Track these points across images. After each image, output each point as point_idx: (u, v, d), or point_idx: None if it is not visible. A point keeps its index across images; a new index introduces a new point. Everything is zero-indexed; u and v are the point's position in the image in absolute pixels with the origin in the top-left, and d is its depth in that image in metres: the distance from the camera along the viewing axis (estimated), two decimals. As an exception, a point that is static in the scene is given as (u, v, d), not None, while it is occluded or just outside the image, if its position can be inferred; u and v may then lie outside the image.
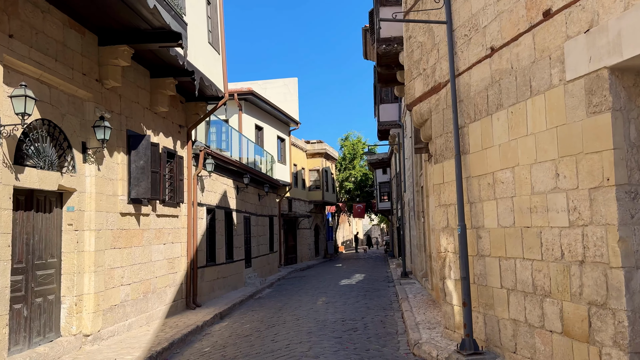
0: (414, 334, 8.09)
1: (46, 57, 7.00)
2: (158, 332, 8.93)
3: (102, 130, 7.84)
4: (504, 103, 6.20)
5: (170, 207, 10.95)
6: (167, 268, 10.72)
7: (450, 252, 7.54)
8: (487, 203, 6.59)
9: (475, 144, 6.85)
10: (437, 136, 7.87)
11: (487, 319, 6.65)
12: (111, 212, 8.53)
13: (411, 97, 8.70)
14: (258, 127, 22.53)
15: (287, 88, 26.41)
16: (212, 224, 13.85)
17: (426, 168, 12.31)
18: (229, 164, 14.82)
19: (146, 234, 9.82)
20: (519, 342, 5.95)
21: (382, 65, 13.87)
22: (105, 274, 8.26)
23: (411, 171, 18.23)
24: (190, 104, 11.98)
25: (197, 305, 11.83)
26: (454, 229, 7.40)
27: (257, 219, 19.03)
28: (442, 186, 7.77)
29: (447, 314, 7.64)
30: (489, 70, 6.52)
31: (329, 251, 36.53)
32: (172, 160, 11.12)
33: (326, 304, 12.08)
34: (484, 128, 6.63)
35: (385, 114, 22.14)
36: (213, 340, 8.72)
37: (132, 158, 9.14)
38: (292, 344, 7.83)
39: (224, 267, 14.53)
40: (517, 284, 5.99)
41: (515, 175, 5.99)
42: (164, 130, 10.73)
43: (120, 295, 8.73)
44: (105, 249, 8.30)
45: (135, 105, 9.54)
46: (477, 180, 6.81)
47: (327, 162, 34.57)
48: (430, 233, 12.11)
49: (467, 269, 6.68)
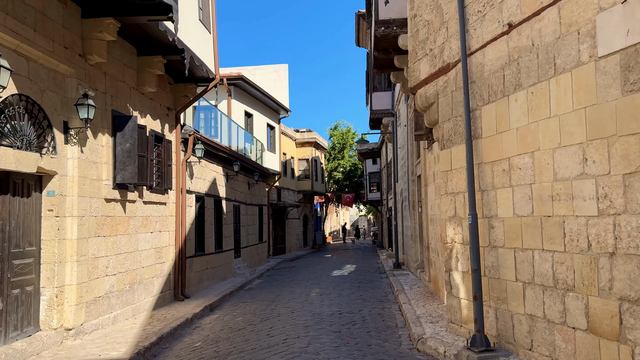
0: (416, 328, 7.69)
1: (24, 26, 6.39)
2: (145, 325, 8.42)
3: (86, 108, 7.26)
4: (523, 83, 5.77)
5: (158, 193, 10.39)
6: (154, 258, 10.18)
7: (457, 243, 7.13)
8: (501, 191, 6.17)
9: (488, 128, 6.42)
10: (445, 120, 7.43)
11: (499, 314, 6.26)
12: (95, 197, 7.97)
13: (415, 79, 8.23)
14: (248, 114, 21.93)
15: (277, 75, 25.78)
16: (201, 212, 13.31)
17: (425, 156, 11.90)
18: (218, 150, 14.25)
19: (132, 222, 9.27)
20: (535, 338, 5.57)
21: (379, 49, 13.37)
22: (88, 263, 7.71)
23: (405, 160, 17.83)
24: (179, 85, 11.38)
25: (186, 297, 11.32)
26: (462, 218, 6.99)
27: (246, 208, 18.50)
28: (449, 173, 7.34)
29: (453, 307, 7.24)
30: (506, 49, 6.07)
31: (317, 241, 36.13)
32: (160, 144, 10.54)
33: (320, 296, 11.65)
34: (499, 110, 6.20)
35: (378, 102, 21.68)
36: (204, 334, 8.24)
37: (117, 140, 8.56)
38: (290, 338, 7.38)
39: (213, 257, 14.01)
40: (534, 277, 5.59)
41: (535, 160, 5.57)
42: (151, 112, 10.14)
43: (104, 286, 8.20)
44: (89, 237, 7.75)
45: (121, 84, 8.94)
46: (490, 167, 6.39)
47: (316, 151, 34.07)
48: (429, 224, 11.72)
49: (478, 261, 6.27)
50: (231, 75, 19.46)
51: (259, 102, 23.17)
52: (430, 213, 11.39)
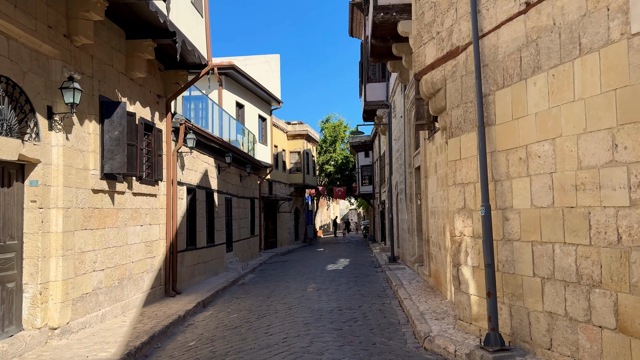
0: (422, 325, 7.33)
1: (3, 0, 5.87)
2: (136, 323, 7.97)
3: (71, 92, 6.76)
4: (543, 65, 5.39)
5: (148, 185, 9.91)
6: (144, 252, 9.72)
7: (467, 236, 6.77)
8: (517, 180, 5.81)
9: (503, 114, 6.05)
10: (454, 107, 7.05)
11: (513, 311, 5.91)
12: (82, 188, 7.49)
13: (420, 64, 7.84)
14: (239, 105, 21.42)
15: (268, 65, 25.25)
16: (192, 204, 12.84)
17: (425, 147, 11.53)
18: (210, 141, 13.77)
19: (121, 214, 8.79)
20: (555, 337, 5.23)
21: (377, 37, 12.96)
22: (74, 258, 7.24)
23: (400, 152, 17.47)
24: (169, 72, 10.88)
25: (177, 293, 10.87)
26: (472, 210, 6.63)
27: (238, 200, 18.04)
28: (458, 163, 6.96)
29: (462, 304, 6.89)
30: (523, 29, 5.69)
31: (309, 235, 35.75)
32: (150, 133, 10.05)
33: (317, 291, 11.27)
34: (515, 95, 5.83)
35: (372, 93, 21.28)
36: (198, 332, 7.81)
37: (105, 128, 8.07)
38: (290, 337, 6.98)
39: (205, 251, 13.56)
40: (555, 272, 5.24)
41: (556, 147, 5.21)
42: (140, 99, 9.64)
43: (92, 282, 7.73)
44: (75, 230, 7.27)
45: (109, 68, 8.43)
46: (504, 155, 6.02)
47: (308, 144, 33.61)
48: (429, 216, 11.37)
49: (492, 255, 5.92)
50: (222, 65, 18.92)
51: (251, 92, 22.66)
52: (431, 206, 11.04)
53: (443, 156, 9.52)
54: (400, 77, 14.83)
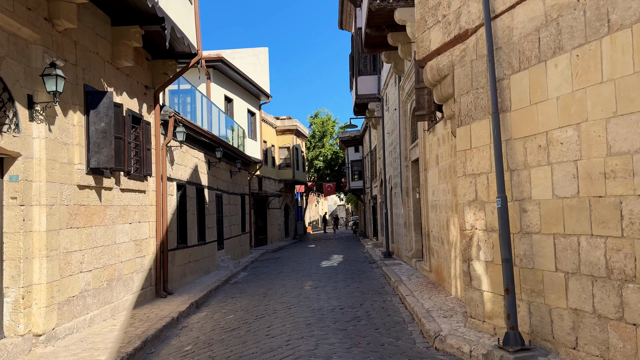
0: (430, 324, 6.97)
1: (-24, -22, 5.37)
2: (126, 327, 7.50)
3: (54, 80, 6.26)
4: (565, 45, 5.04)
5: (137, 180, 9.41)
6: (133, 251, 9.23)
7: (479, 229, 6.41)
8: (536, 170, 5.46)
9: (519, 99, 5.69)
10: (463, 94, 6.68)
11: (532, 308, 5.57)
12: (66, 183, 6.99)
13: (425, 50, 7.44)
14: (228, 99, 20.88)
15: (257, 58, 24.71)
16: (182, 201, 12.34)
17: (424, 139, 11.17)
18: (200, 135, 13.26)
19: (109, 212, 8.30)
20: (582, 336, 4.89)
21: (372, 26, 12.55)
22: (60, 259, 6.75)
23: (394, 146, 17.13)
24: (157, 61, 10.36)
25: (169, 293, 10.40)
26: (485, 202, 6.27)
27: (229, 197, 17.55)
28: (468, 152, 6.59)
29: (473, 301, 6.54)
30: (542, 8, 5.33)
31: (299, 232, 35.31)
32: (138, 126, 9.54)
33: (315, 289, 10.86)
34: (533, 78, 5.47)
35: (363, 86, 20.89)
36: (193, 335, 7.37)
37: (91, 119, 7.56)
38: (293, 339, 6.56)
39: (196, 249, 13.08)
40: (580, 266, 4.90)
41: (581, 133, 4.86)
42: (127, 90, 9.13)
43: (79, 284, 7.24)
44: (60, 229, 6.78)
45: (94, 56, 7.92)
46: (521, 143, 5.66)
47: (297, 139, 33.13)
48: (429, 210, 11.02)
49: (509, 250, 5.56)
50: (210, 57, 18.38)
51: (240, 86, 22.12)
52: (431, 199, 10.69)
53: (446, 147, 9.16)
54: (395, 68, 14.46)
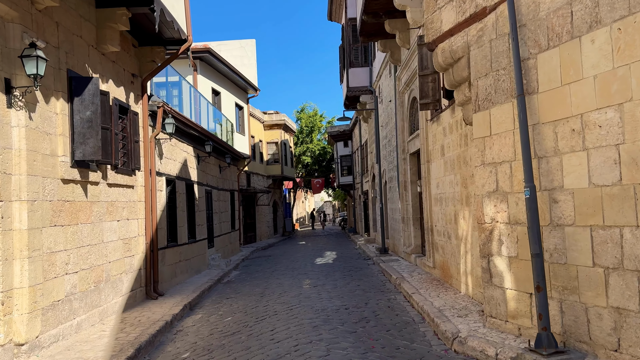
0: (445, 324, 6.52)
1: (-57, -57, 4.74)
2: (117, 332, 6.92)
3: (34, 62, 5.64)
4: (604, 18, 4.59)
5: (125, 174, 8.80)
6: (122, 250, 8.62)
7: (500, 222, 5.96)
8: (569, 156, 5.01)
9: (548, 80, 5.24)
10: (480, 76, 6.21)
11: (565, 307, 5.14)
12: (49, 177, 6.37)
13: (436, 32, 6.96)
14: (215, 92, 20.22)
15: (244, 51, 24.06)
16: (172, 197, 11.74)
17: (427, 129, 10.71)
18: (189, 128, 12.64)
19: (96, 208, 7.69)
20: (625, 337, 4.47)
21: (368, 12, 12.06)
22: (43, 260, 6.14)
23: (389, 139, 16.69)
24: (145, 48, 9.73)
25: (159, 294, 9.80)
26: (508, 193, 5.82)
27: (218, 193, 16.94)
28: (487, 140, 6.14)
29: (494, 299, 6.10)
30: (575, -21, 4.88)
31: (287, 228, 34.76)
32: (125, 116, 8.92)
33: (315, 288, 10.35)
34: (565, 56, 5.02)
35: (355, 79, 20.38)
36: (190, 340, 6.81)
37: (75, 107, 6.94)
38: (301, 344, 6.05)
39: (186, 247, 12.48)
40: (624, 260, 4.47)
41: (624, 114, 4.42)
42: (114, 77, 8.51)
43: (64, 287, 6.64)
44: (43, 227, 6.17)
45: (78, 39, 7.29)
46: (551, 127, 5.22)
47: (285, 134, 32.53)
48: (432, 204, 10.58)
49: (540, 244, 5.12)
50: (197, 48, 17.72)
51: (227, 79, 21.47)
52: (435, 192, 10.25)
53: (454, 137, 8.71)
54: (391, 57, 13.99)
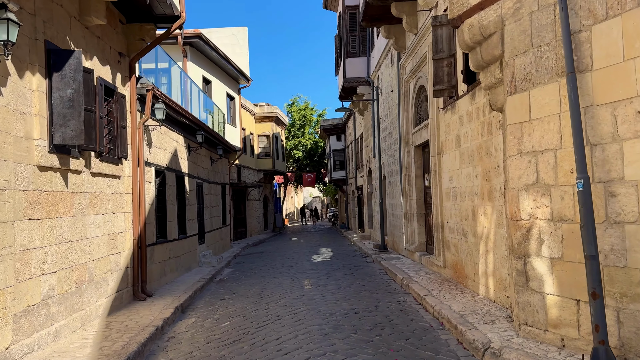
0: (472, 332, 5.82)
1: None
2: (101, 340, 6.11)
3: (4, 25, 4.80)
4: (684, -20, 3.89)
5: (110, 163, 7.96)
6: (107, 247, 7.80)
7: (541, 219, 5.26)
8: (632, 142, 4.32)
9: (605, 55, 4.54)
10: (518, 54, 5.49)
11: (623, 317, 4.46)
12: (23, 163, 5.54)
13: (462, 6, 6.21)
14: (206, 80, 19.33)
15: (235, 39, 23.14)
16: (161, 189, 10.90)
17: (438, 119, 9.99)
18: (180, 115, 11.79)
19: (77, 200, 6.86)
20: None
21: (375, -6, 11.35)
22: (15, 258, 5.31)
23: (389, 131, 15.98)
24: (133, 25, 8.86)
25: (148, 295, 8.99)
26: (551, 185, 5.12)
27: (209, 186, 16.10)
28: (526, 125, 5.43)
29: (531, 305, 5.40)
30: None
31: (278, 224, 33.95)
32: (111, 99, 8.08)
33: (317, 288, 9.60)
34: (629, 27, 4.32)
35: (352, 69, 19.64)
36: (184, 349, 6.03)
37: (54, 84, 6.10)
38: (314, 356, 5.29)
39: (176, 244, 11.65)
40: None
41: None
42: (99, 54, 7.66)
43: (41, 289, 5.81)
44: (15, 220, 5.34)
45: (58, 8, 6.44)
46: (609, 110, 4.52)
47: (277, 127, 31.67)
48: (443, 199, 9.88)
49: (595, 244, 4.43)
50: (187, 34, 16.83)
51: (218, 67, 20.58)
52: (448, 186, 9.55)
53: (473, 125, 8.00)
54: (395, 44, 13.26)
